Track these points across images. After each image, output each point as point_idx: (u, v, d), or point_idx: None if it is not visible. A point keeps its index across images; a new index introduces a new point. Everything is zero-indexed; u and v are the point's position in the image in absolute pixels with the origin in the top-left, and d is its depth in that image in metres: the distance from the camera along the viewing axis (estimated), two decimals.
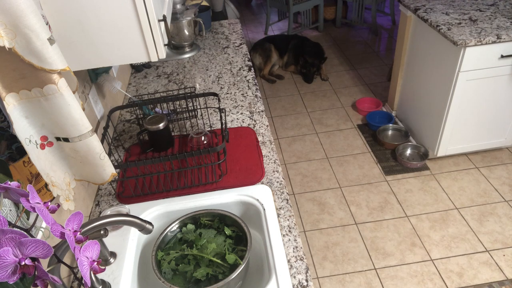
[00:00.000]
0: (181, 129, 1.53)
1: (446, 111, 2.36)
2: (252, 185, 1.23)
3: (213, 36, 2.34)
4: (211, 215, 1.10)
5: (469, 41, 2.05)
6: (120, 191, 1.25)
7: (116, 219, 0.86)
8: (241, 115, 1.59)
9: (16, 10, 0.69)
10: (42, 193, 0.91)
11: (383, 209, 2.40)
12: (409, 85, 2.84)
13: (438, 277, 2.00)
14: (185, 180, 1.27)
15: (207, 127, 1.53)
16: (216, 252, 1.03)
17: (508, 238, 2.17)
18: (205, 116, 1.60)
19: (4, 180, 0.68)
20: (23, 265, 0.51)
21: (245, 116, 1.58)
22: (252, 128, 1.50)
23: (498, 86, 2.28)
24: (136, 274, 1.06)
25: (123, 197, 1.23)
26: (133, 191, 1.24)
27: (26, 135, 0.81)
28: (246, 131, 1.47)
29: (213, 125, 1.54)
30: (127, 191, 1.25)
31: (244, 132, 1.47)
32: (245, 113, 1.60)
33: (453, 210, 2.35)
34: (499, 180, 2.53)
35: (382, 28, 4.72)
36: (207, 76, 1.89)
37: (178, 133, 1.51)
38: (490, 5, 2.43)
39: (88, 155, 0.91)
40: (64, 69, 0.78)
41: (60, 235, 0.58)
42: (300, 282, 0.96)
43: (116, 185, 1.27)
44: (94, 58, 0.99)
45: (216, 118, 1.59)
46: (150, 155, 1.40)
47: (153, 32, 0.97)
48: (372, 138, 2.98)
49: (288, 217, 1.13)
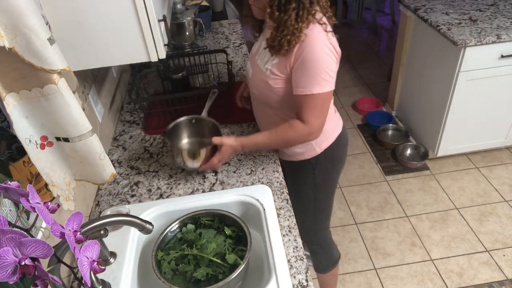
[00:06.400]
0: (194, 83, 1.79)
1: (446, 111, 2.36)
2: (252, 185, 1.23)
3: (213, 36, 2.34)
4: (211, 215, 1.10)
5: (469, 41, 2.05)
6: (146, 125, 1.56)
7: (116, 219, 0.86)
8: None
9: (16, 10, 0.69)
10: (42, 193, 0.91)
11: (383, 209, 2.40)
12: (409, 85, 2.84)
13: (438, 277, 2.00)
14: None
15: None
16: (216, 252, 1.03)
17: (508, 238, 2.17)
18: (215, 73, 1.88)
19: (4, 180, 0.68)
20: (23, 265, 0.51)
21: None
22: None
23: (498, 86, 2.28)
24: (136, 274, 1.06)
25: (150, 129, 1.53)
26: (157, 124, 1.55)
27: (26, 135, 0.81)
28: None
29: (221, 78, 1.85)
30: (152, 126, 1.56)
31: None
32: None
33: (453, 210, 2.35)
34: (499, 180, 2.53)
35: (382, 28, 4.72)
36: (207, 76, 1.89)
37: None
38: (490, 5, 2.42)
39: (88, 155, 0.91)
40: (64, 69, 0.78)
41: (60, 235, 0.58)
42: (300, 282, 0.96)
43: (143, 121, 1.58)
44: (94, 58, 0.99)
45: (224, 73, 1.86)
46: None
47: (153, 32, 0.97)
48: (372, 138, 2.98)
49: (288, 217, 1.13)
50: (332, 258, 1.67)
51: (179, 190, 1.25)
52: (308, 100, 1.12)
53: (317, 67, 1.08)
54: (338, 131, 1.35)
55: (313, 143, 1.30)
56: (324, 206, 1.49)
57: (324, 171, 1.38)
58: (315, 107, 1.13)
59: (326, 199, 1.48)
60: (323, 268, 1.70)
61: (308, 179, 1.39)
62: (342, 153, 1.41)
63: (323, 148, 1.31)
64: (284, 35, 1.06)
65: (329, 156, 1.34)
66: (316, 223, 1.53)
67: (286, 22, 1.05)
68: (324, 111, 1.17)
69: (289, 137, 1.19)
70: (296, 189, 1.45)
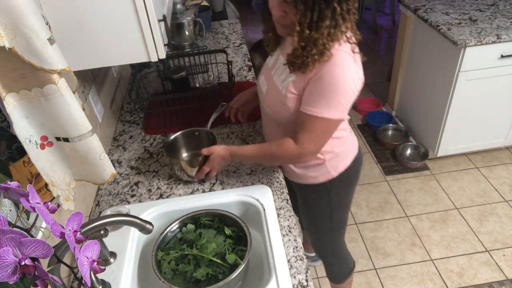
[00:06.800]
0: (194, 83, 1.80)
1: (446, 111, 2.36)
2: (252, 185, 1.23)
3: (213, 36, 2.34)
4: (211, 215, 1.10)
5: (469, 41, 2.05)
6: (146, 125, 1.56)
7: (116, 219, 0.86)
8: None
9: (16, 10, 0.69)
10: (42, 193, 0.91)
11: (383, 209, 2.40)
12: (409, 85, 2.84)
13: (438, 277, 2.00)
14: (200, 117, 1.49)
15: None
16: (216, 252, 1.03)
17: (508, 238, 2.17)
18: (214, 73, 1.90)
19: (4, 180, 0.68)
20: (23, 265, 0.51)
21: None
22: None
23: (498, 86, 2.28)
24: (136, 274, 1.06)
25: (150, 129, 1.53)
26: (157, 124, 1.56)
27: (26, 135, 0.81)
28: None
29: (221, 78, 1.86)
30: (152, 126, 1.56)
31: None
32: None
33: (453, 210, 2.35)
34: (499, 180, 2.53)
35: (382, 28, 4.71)
36: (207, 76, 1.89)
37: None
38: (490, 5, 2.42)
39: (88, 155, 0.91)
40: (64, 69, 0.78)
41: (60, 235, 0.58)
42: (300, 282, 0.96)
43: (143, 121, 1.59)
44: (94, 58, 0.99)
45: (224, 73, 1.86)
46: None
47: (153, 32, 0.97)
48: (372, 138, 2.98)
49: (288, 217, 1.13)
50: (348, 267, 1.62)
51: (179, 190, 1.25)
52: (311, 121, 1.02)
53: (333, 91, 0.98)
54: (354, 153, 1.27)
55: (329, 166, 1.21)
56: (340, 223, 1.43)
57: (339, 193, 1.30)
58: (315, 131, 1.04)
59: (341, 217, 1.41)
60: (340, 279, 1.65)
61: (322, 202, 1.32)
62: (358, 173, 1.34)
63: (339, 171, 1.23)
64: (312, 54, 0.96)
65: (344, 178, 1.26)
66: (332, 239, 1.47)
67: (317, 41, 0.94)
68: (323, 138, 1.07)
69: (277, 154, 1.12)
70: (309, 210, 1.39)
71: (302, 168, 1.25)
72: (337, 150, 1.20)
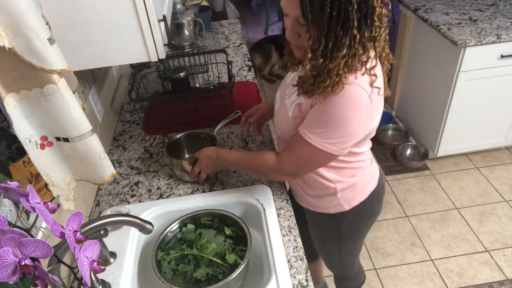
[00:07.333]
0: (194, 83, 1.79)
1: (446, 111, 2.36)
2: (252, 185, 1.23)
3: (213, 36, 2.34)
4: (211, 215, 1.10)
5: (469, 41, 2.05)
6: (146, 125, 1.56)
7: (116, 219, 0.86)
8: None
9: (16, 10, 0.69)
10: (42, 193, 0.91)
11: (383, 209, 2.39)
12: (409, 85, 2.84)
13: (438, 277, 2.00)
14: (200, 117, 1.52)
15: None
16: (216, 252, 1.03)
17: (508, 238, 2.17)
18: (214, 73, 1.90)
19: (4, 180, 0.68)
20: (23, 265, 0.51)
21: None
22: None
23: (498, 86, 2.28)
24: (136, 274, 1.06)
25: (150, 129, 1.53)
26: (157, 124, 1.55)
27: (26, 135, 0.81)
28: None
29: (221, 78, 1.86)
30: (152, 126, 1.56)
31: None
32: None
33: (453, 210, 2.35)
34: (499, 180, 2.53)
35: None
36: (207, 76, 1.89)
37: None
38: (490, 5, 2.42)
39: (88, 155, 0.91)
40: (64, 69, 0.78)
41: (60, 235, 0.58)
42: (300, 282, 0.96)
43: (143, 121, 1.58)
44: (94, 58, 0.99)
45: (224, 73, 1.86)
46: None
47: (153, 32, 0.97)
48: (372, 138, 2.97)
49: (288, 217, 1.13)
50: (358, 281, 1.58)
51: (179, 190, 1.25)
52: (299, 142, 0.94)
53: (334, 125, 0.88)
54: (373, 186, 1.14)
55: (341, 198, 1.10)
56: (352, 253, 1.35)
57: (351, 226, 1.20)
58: (300, 154, 0.95)
59: (353, 247, 1.32)
60: None
61: (332, 232, 1.22)
62: (377, 207, 1.21)
63: (352, 205, 1.12)
64: (325, 85, 0.84)
65: (358, 212, 1.14)
66: (343, 263, 1.39)
67: (330, 72, 0.82)
68: (306, 166, 0.99)
69: (254, 164, 1.07)
70: (317, 235, 1.32)
71: (313, 197, 1.16)
72: (353, 180, 1.09)
